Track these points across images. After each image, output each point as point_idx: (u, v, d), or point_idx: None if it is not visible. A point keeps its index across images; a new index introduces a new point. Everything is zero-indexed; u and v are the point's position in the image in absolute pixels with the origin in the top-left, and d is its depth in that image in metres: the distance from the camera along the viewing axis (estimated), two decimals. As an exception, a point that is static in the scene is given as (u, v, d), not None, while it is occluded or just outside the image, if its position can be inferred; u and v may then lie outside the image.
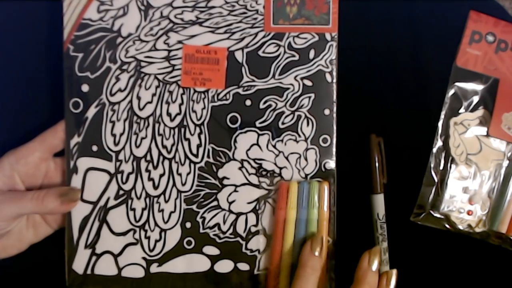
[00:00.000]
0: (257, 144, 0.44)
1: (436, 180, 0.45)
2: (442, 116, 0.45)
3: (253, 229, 0.44)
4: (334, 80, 0.44)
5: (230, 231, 0.44)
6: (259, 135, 0.44)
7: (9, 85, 0.48)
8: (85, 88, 0.44)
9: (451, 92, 0.45)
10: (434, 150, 0.45)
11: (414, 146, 0.47)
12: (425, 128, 0.46)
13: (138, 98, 0.44)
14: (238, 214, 0.44)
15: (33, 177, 0.44)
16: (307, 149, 0.44)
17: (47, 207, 0.42)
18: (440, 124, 0.45)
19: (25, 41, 0.48)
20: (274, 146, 0.44)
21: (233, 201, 0.44)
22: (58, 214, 0.45)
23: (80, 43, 0.43)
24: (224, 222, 0.44)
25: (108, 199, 0.44)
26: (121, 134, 0.44)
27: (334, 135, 0.44)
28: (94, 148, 0.44)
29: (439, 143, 0.45)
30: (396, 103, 0.48)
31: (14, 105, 0.48)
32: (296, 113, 0.44)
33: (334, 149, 0.44)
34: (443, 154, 0.45)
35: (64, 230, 0.45)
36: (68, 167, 0.44)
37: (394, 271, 0.43)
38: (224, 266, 0.44)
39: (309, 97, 0.44)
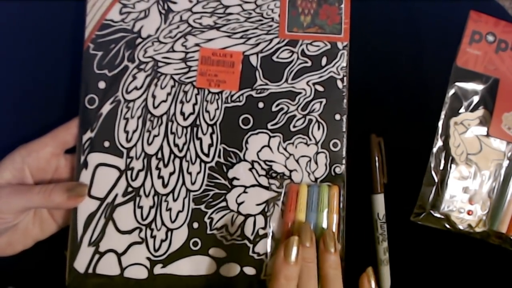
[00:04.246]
0: (268, 146, 0.44)
1: (436, 180, 0.45)
2: (442, 116, 0.45)
3: (261, 232, 0.44)
4: (345, 87, 0.45)
5: (238, 233, 0.44)
6: (270, 137, 0.44)
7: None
8: (101, 85, 0.44)
9: (451, 92, 0.45)
10: (434, 150, 0.45)
11: (414, 146, 0.47)
12: (425, 128, 0.46)
13: (153, 96, 0.44)
14: (247, 216, 0.44)
15: (43, 172, 0.44)
16: (317, 153, 0.44)
17: (54, 201, 0.42)
18: (440, 124, 0.45)
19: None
20: (285, 149, 0.44)
21: (242, 202, 0.44)
22: (65, 210, 0.44)
23: (101, 42, 0.45)
24: (232, 224, 0.44)
25: (116, 195, 0.44)
26: (134, 131, 0.44)
27: (344, 140, 0.44)
28: (106, 144, 0.44)
29: (439, 143, 0.45)
30: (396, 103, 0.48)
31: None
32: (308, 117, 0.45)
33: (344, 154, 0.44)
34: (443, 154, 0.45)
35: (66, 230, 0.44)
36: (78, 162, 0.44)
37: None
38: (230, 270, 0.43)
39: (321, 102, 0.45)
